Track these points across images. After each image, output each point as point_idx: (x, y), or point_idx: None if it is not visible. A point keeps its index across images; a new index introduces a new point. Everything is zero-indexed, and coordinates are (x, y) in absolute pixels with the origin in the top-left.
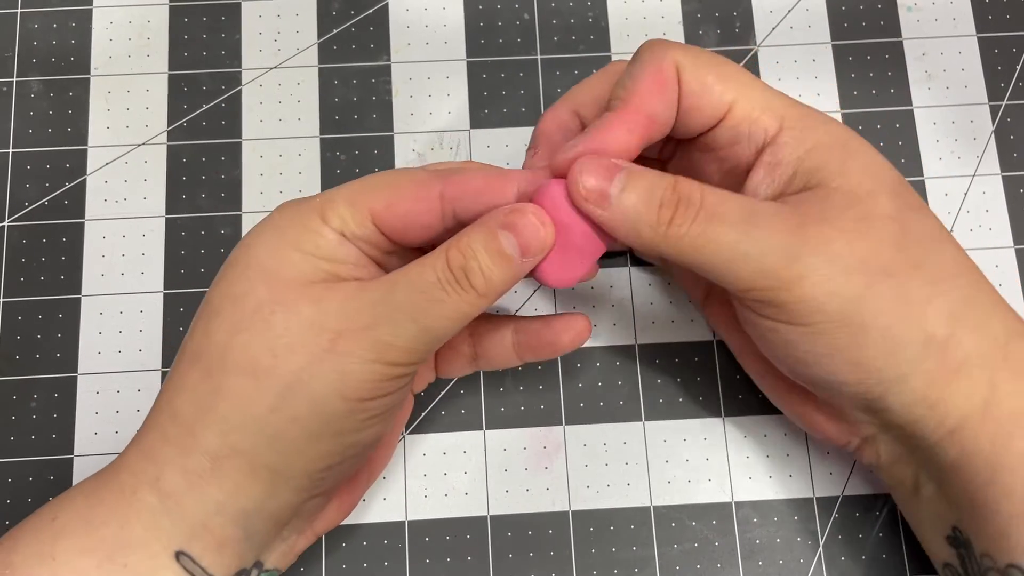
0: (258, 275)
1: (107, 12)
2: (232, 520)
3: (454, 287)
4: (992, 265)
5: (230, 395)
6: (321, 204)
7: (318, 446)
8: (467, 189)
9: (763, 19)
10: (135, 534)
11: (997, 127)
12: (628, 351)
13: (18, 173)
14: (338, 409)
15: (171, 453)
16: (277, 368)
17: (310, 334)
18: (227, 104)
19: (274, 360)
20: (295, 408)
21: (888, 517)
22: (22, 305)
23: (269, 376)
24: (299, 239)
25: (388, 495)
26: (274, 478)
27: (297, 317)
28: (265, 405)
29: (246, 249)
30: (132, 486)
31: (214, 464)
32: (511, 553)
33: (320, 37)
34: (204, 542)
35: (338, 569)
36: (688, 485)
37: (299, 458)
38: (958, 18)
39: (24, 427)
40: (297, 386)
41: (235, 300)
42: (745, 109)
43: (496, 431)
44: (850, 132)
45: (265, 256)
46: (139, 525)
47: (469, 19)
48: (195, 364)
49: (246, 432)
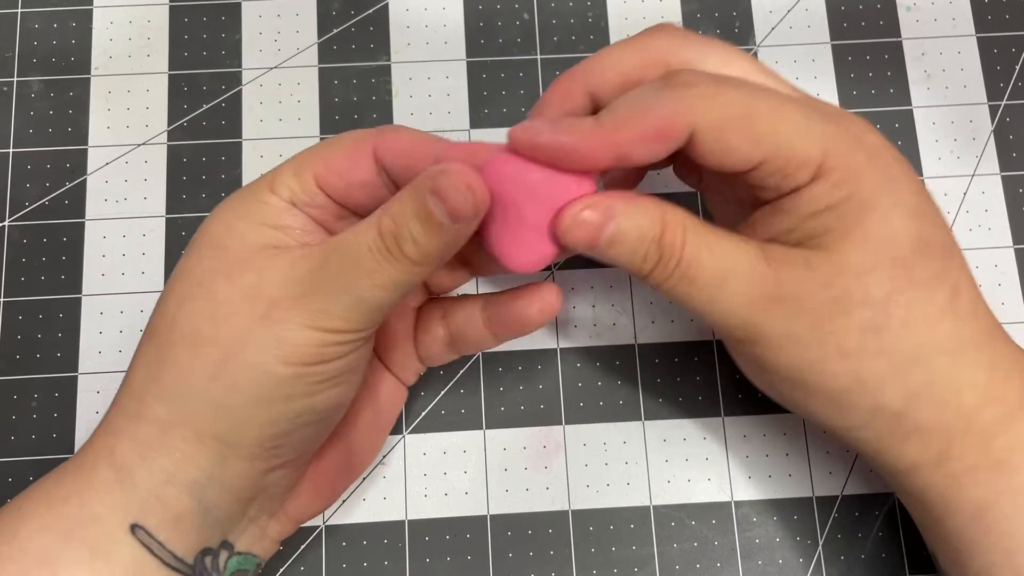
0: (207, 248)
1: (107, 12)
2: (184, 490)
3: (386, 255)
4: (991, 265)
5: (173, 364)
6: (271, 177)
7: (266, 412)
8: (395, 146)
9: (763, 19)
10: (94, 510)
11: (996, 127)
12: (628, 351)
13: (18, 173)
14: (281, 374)
15: (124, 423)
16: (216, 336)
17: (248, 302)
18: (227, 104)
19: (214, 328)
20: (234, 375)
21: (887, 517)
22: (23, 305)
23: (208, 344)
24: (248, 210)
25: (388, 494)
26: (221, 447)
27: (238, 285)
28: (206, 373)
29: (201, 227)
30: (92, 462)
31: (162, 433)
32: (511, 552)
33: (320, 37)
34: (159, 515)
35: (338, 568)
36: (688, 484)
37: (246, 425)
38: (957, 18)
39: (24, 426)
40: (235, 353)
41: (185, 274)
42: (778, 165)
43: (496, 430)
44: (888, 178)
45: (215, 229)
46: (97, 501)
47: (469, 19)
48: (150, 339)
49: (190, 400)
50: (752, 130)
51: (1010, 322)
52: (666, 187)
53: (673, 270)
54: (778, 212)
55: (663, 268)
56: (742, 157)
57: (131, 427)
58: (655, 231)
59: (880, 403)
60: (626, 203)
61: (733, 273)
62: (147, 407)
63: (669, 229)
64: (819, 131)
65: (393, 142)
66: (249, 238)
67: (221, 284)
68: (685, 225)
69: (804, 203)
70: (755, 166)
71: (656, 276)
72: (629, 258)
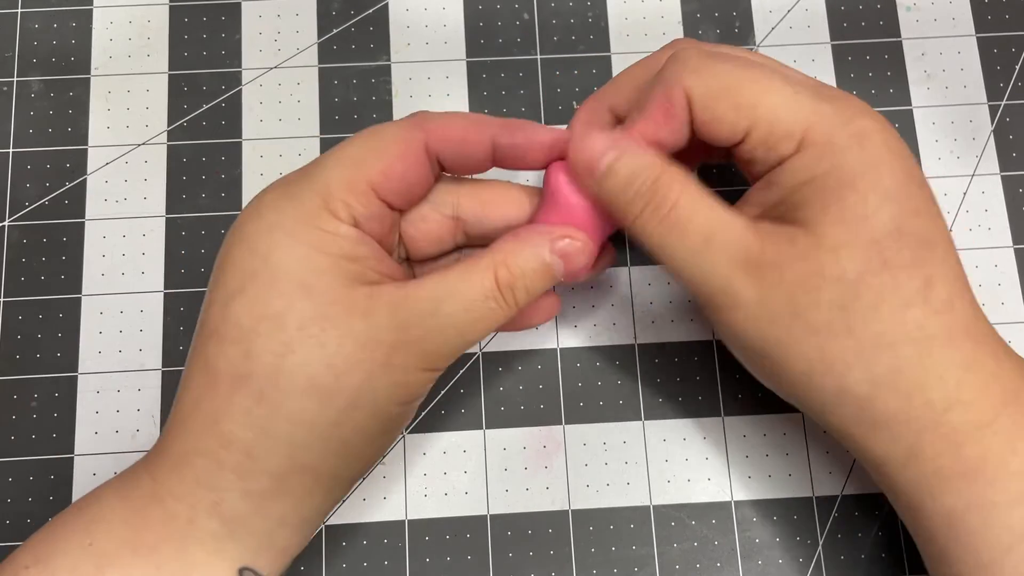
0: (293, 289)
1: (107, 12)
2: (295, 530)
3: (500, 303)
4: (991, 265)
5: (292, 417)
6: (323, 197)
7: (374, 447)
8: (448, 135)
9: (763, 19)
10: (196, 558)
11: (996, 127)
12: (628, 351)
13: (18, 173)
14: (393, 414)
15: (230, 479)
16: (339, 386)
17: (366, 350)
18: (227, 104)
19: (335, 379)
20: (357, 420)
21: (887, 517)
22: (22, 305)
23: (331, 395)
24: (321, 242)
25: (388, 494)
26: (334, 483)
27: (350, 333)
28: (329, 422)
29: (263, 260)
30: (187, 515)
31: (280, 483)
32: (511, 552)
33: (320, 37)
34: (268, 556)
35: (338, 568)
36: (687, 484)
37: (359, 461)
38: (957, 18)
39: (24, 426)
40: (359, 401)
41: (275, 319)
42: (761, 135)
43: (496, 430)
44: (873, 160)
45: (293, 266)
46: (200, 550)
47: (469, 19)
48: (241, 387)
49: (311, 449)
50: (737, 99)
51: (1010, 322)
52: None
53: (664, 217)
54: (767, 186)
55: (654, 212)
56: (729, 127)
57: (239, 481)
58: (653, 173)
59: (845, 385)
60: (631, 143)
61: (721, 233)
62: (259, 460)
63: (666, 176)
64: (806, 106)
65: (444, 131)
66: (335, 274)
67: (331, 331)
68: (683, 180)
69: (788, 174)
70: (742, 138)
71: (645, 219)
72: (622, 191)
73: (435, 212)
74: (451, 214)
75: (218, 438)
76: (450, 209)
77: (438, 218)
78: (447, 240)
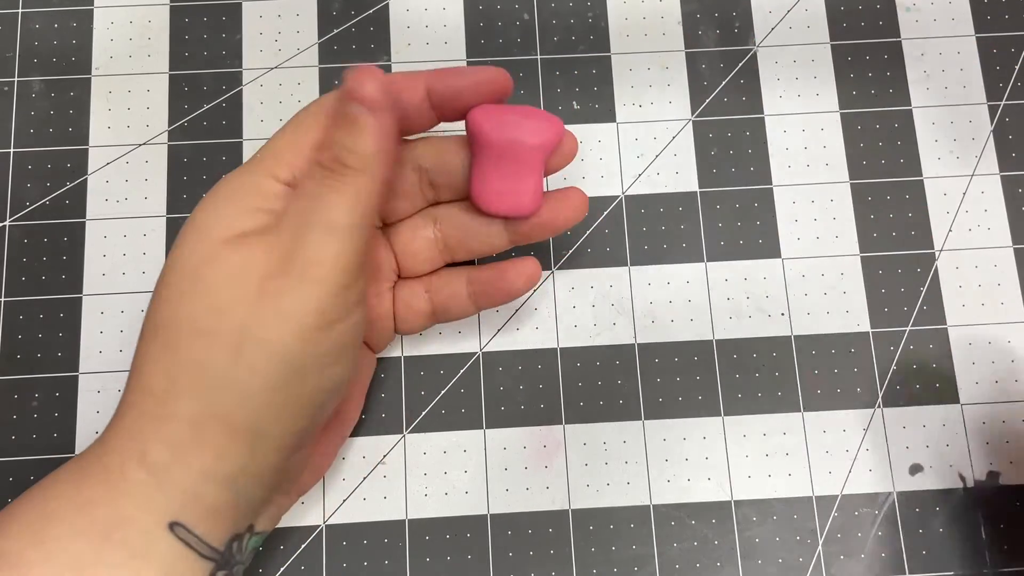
0: (194, 235)
1: (108, 12)
2: (222, 486)
3: (334, 179)
4: (991, 265)
5: (190, 360)
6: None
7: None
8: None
9: (762, 19)
10: (127, 511)
11: (995, 127)
12: (628, 351)
13: (19, 173)
14: (291, 349)
15: (152, 427)
16: (222, 324)
17: (240, 283)
18: (228, 104)
19: (218, 319)
20: (251, 358)
21: (887, 517)
22: (23, 304)
23: (218, 334)
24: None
25: (388, 494)
26: (253, 439)
27: (226, 269)
28: (223, 362)
29: (192, 213)
30: (119, 465)
31: (194, 431)
32: (511, 552)
33: (320, 37)
34: (196, 511)
35: (338, 568)
36: (687, 484)
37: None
38: (957, 18)
39: (25, 426)
40: (246, 337)
41: (176, 266)
42: None
43: (496, 430)
44: None
45: (202, 216)
46: (130, 502)
47: (469, 19)
48: (155, 337)
49: (215, 393)
50: None
51: (1010, 322)
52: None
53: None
54: None
55: None
56: None
57: (159, 429)
58: None
59: None
60: None
61: None
62: (173, 407)
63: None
64: None
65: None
66: (236, 224)
67: (211, 270)
68: None
69: None
70: None
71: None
72: None
73: (421, 229)
74: (433, 231)
75: (141, 389)
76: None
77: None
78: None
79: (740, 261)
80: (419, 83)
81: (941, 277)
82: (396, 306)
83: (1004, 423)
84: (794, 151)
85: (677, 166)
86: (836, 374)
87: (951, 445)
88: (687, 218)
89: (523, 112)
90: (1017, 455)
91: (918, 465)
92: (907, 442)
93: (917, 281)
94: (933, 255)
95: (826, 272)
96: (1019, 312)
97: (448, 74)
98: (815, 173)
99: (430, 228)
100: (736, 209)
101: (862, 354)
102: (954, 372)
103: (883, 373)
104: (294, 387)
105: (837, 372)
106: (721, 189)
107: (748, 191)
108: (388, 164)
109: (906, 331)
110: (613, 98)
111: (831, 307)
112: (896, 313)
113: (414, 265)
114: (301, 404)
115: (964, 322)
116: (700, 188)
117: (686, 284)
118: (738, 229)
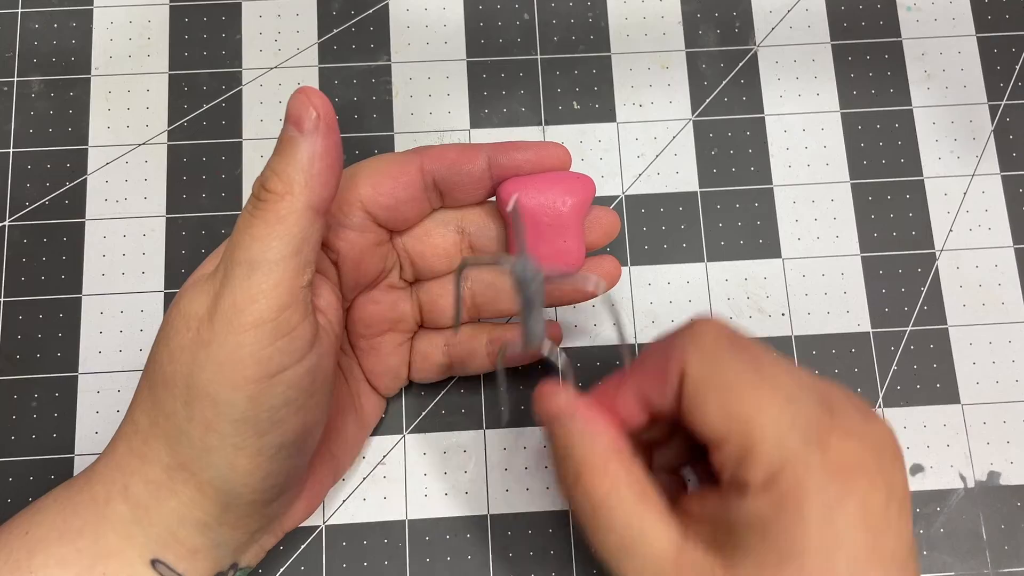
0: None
1: (107, 12)
2: (196, 530)
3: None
4: (991, 265)
5: (163, 409)
6: None
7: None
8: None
9: (763, 19)
10: (111, 544)
11: (996, 127)
12: (628, 351)
13: (19, 173)
14: (236, 403)
15: (136, 464)
16: (176, 373)
17: (183, 330)
18: (227, 104)
19: (172, 365)
20: (201, 412)
21: None
22: (23, 305)
23: (174, 384)
24: None
25: (388, 494)
26: (220, 495)
27: (176, 311)
28: (181, 415)
29: None
30: (104, 496)
31: (168, 477)
32: (511, 552)
33: (320, 37)
34: (176, 551)
35: (338, 568)
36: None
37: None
38: (957, 18)
39: (25, 426)
40: (192, 390)
41: (169, 316)
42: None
43: (496, 430)
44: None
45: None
46: (113, 535)
47: (469, 19)
48: (146, 378)
49: (180, 445)
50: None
51: (1010, 322)
52: None
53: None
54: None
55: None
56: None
57: (143, 468)
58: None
59: None
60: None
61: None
62: (152, 449)
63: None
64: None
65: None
66: (213, 261)
67: (171, 314)
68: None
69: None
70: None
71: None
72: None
73: (439, 227)
74: (454, 229)
75: (131, 425)
76: (453, 225)
77: (442, 232)
78: (453, 254)
79: (740, 261)
80: (480, 155)
81: (942, 277)
82: (412, 355)
83: (1005, 423)
84: (794, 151)
85: (677, 166)
86: (837, 374)
87: (952, 445)
88: (687, 218)
89: (552, 178)
90: (1017, 455)
91: (919, 465)
92: (908, 442)
93: (918, 281)
94: (934, 255)
95: (826, 272)
96: (1020, 312)
97: (511, 148)
98: (815, 173)
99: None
100: (736, 209)
101: (863, 354)
102: (955, 372)
103: (884, 373)
104: (251, 443)
105: (838, 372)
106: (721, 189)
107: (748, 191)
108: (319, 190)
109: (907, 331)
110: (613, 98)
111: (832, 307)
112: (897, 313)
113: (439, 320)
114: (266, 458)
115: (965, 322)
116: (700, 188)
117: (686, 284)
118: (738, 229)
